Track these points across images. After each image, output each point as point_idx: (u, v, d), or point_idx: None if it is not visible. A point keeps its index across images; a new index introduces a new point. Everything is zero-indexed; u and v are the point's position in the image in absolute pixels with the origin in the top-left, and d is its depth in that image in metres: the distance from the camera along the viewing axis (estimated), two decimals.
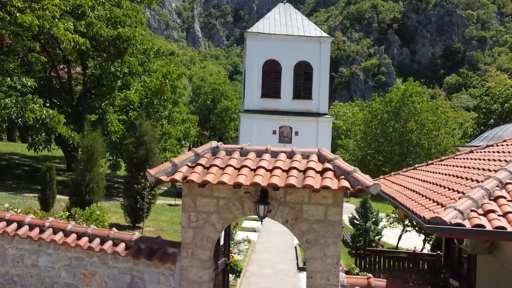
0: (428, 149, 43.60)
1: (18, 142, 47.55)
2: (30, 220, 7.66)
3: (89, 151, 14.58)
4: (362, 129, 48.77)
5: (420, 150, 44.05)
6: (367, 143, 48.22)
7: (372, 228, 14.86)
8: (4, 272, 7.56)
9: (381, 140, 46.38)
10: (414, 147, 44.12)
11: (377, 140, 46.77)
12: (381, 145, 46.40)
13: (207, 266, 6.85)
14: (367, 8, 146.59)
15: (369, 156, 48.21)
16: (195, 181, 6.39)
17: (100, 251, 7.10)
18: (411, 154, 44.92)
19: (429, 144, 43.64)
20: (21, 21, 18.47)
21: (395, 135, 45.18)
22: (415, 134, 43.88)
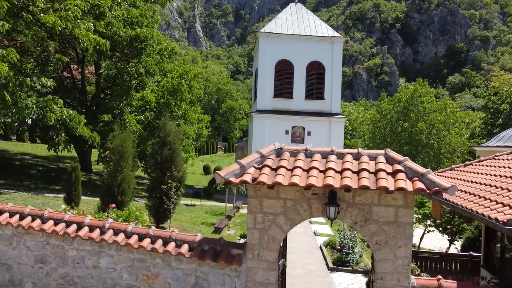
0: (438, 149, 43.62)
1: (27, 142, 47.58)
2: (89, 221, 7.67)
3: (120, 151, 14.57)
4: (371, 129, 48.78)
5: (430, 150, 44.07)
6: (376, 143, 48.23)
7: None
8: (64, 273, 7.56)
9: (389, 140, 46.39)
10: (424, 147, 44.14)
11: (386, 140, 46.78)
12: (390, 145, 46.38)
13: (274, 268, 6.86)
14: (369, 8, 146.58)
15: None
16: (266, 182, 6.40)
17: (164, 252, 7.10)
18: (420, 154, 44.94)
19: (439, 145, 43.65)
20: (44, 22, 18.45)
21: (404, 135, 45.21)
22: (424, 134, 43.91)
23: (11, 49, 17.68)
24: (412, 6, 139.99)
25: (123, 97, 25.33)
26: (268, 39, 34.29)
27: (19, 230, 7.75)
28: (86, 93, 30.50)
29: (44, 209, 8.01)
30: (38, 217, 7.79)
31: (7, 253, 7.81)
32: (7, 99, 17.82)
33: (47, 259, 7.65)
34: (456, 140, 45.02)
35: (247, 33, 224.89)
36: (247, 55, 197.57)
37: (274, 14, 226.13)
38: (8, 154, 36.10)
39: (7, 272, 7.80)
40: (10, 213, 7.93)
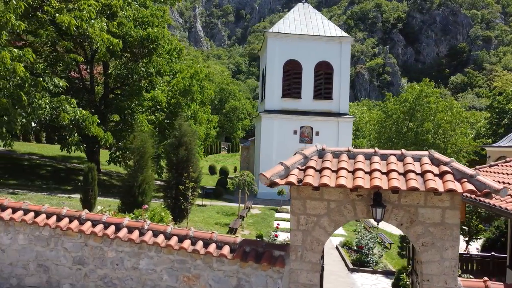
0: (444, 149, 43.59)
1: (32, 142, 47.53)
2: (128, 223, 7.64)
3: (140, 152, 14.54)
4: (376, 129, 48.77)
5: (436, 151, 44.02)
6: (381, 143, 48.22)
7: None
8: (103, 275, 7.54)
9: (395, 140, 46.39)
10: (430, 148, 44.10)
11: (391, 140, 46.78)
12: (396, 145, 46.38)
13: (317, 269, 6.85)
14: (371, 7, 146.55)
15: None
16: (312, 183, 6.38)
17: (206, 254, 7.08)
18: None
19: (445, 145, 43.65)
20: (59, 21, 18.43)
21: (410, 135, 45.20)
22: (430, 134, 43.90)
23: (27, 49, 17.66)
24: (413, 6, 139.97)
25: (134, 97, 25.28)
26: (276, 39, 34.26)
27: (57, 232, 7.73)
28: (94, 93, 30.48)
29: (81, 211, 7.99)
30: (76, 218, 7.77)
31: (44, 255, 7.78)
32: (23, 99, 17.83)
33: (85, 260, 7.62)
34: (462, 140, 45.03)
35: (247, 33, 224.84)
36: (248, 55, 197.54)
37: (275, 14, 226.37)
38: (16, 154, 36.04)
39: (44, 274, 7.77)
40: (47, 214, 7.90)
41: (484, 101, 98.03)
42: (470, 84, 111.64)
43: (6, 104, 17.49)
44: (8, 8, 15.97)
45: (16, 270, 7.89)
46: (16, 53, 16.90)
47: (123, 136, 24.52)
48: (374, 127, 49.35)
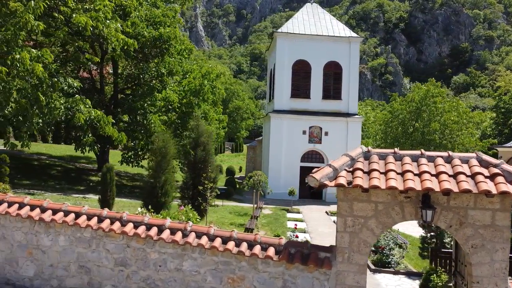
0: (452, 149, 43.62)
1: (39, 142, 47.50)
2: (170, 224, 7.65)
3: (162, 153, 14.54)
4: (383, 129, 48.81)
5: (443, 150, 44.07)
6: (387, 143, 48.28)
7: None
8: (146, 276, 7.54)
9: (402, 141, 46.44)
10: (437, 148, 44.14)
11: (398, 140, 46.83)
12: (403, 145, 46.42)
13: (364, 271, 6.85)
14: (373, 7, 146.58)
15: None
16: (362, 185, 6.38)
17: (251, 255, 7.08)
18: None
19: (452, 145, 43.69)
20: (76, 22, 18.41)
21: (416, 135, 45.25)
22: (437, 134, 43.95)
23: (45, 49, 17.62)
24: (416, 5, 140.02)
25: (147, 97, 25.27)
26: (285, 39, 34.26)
27: (99, 233, 7.73)
28: (104, 93, 30.48)
29: (122, 212, 7.99)
30: (117, 220, 7.77)
31: (86, 256, 7.78)
32: (41, 100, 17.81)
33: (128, 262, 7.62)
34: (469, 140, 45.09)
35: (248, 32, 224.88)
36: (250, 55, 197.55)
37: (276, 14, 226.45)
38: (24, 154, 36.03)
39: (86, 275, 7.78)
40: (87, 216, 7.91)
41: (487, 101, 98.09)
42: (472, 84, 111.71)
43: (24, 105, 17.48)
44: (27, 9, 15.97)
45: (57, 271, 7.89)
46: (34, 53, 16.89)
47: (136, 137, 24.49)
48: (380, 127, 49.38)
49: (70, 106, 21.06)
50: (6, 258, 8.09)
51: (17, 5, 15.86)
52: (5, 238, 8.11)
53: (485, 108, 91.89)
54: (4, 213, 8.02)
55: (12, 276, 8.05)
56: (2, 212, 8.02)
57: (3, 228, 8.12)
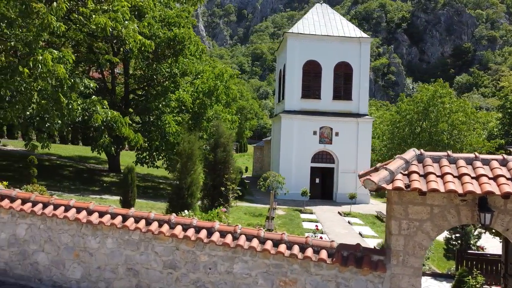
0: (460, 150, 43.65)
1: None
2: (219, 227, 7.65)
3: (187, 154, 14.54)
4: (390, 129, 48.84)
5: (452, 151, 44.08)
6: (394, 143, 48.34)
7: (472, 231, 14.86)
8: (195, 279, 7.54)
9: (409, 141, 46.47)
10: (445, 148, 44.17)
11: (405, 141, 46.87)
12: (410, 146, 46.45)
13: (419, 274, 6.86)
14: (375, 7, 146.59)
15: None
16: (421, 189, 6.39)
17: (304, 258, 7.08)
18: None
19: (461, 145, 43.72)
20: (96, 23, 18.42)
21: (424, 135, 45.28)
22: (445, 135, 43.98)
23: (67, 50, 17.64)
24: (418, 5, 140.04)
25: (161, 97, 25.26)
26: (296, 39, 34.25)
27: (147, 235, 7.73)
28: (115, 93, 30.48)
29: (170, 214, 8.00)
30: (165, 222, 7.77)
31: (134, 258, 7.78)
32: (62, 101, 17.82)
33: (177, 264, 7.63)
34: (476, 141, 45.13)
35: (249, 32, 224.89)
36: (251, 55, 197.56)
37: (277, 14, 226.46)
38: (34, 154, 36.00)
39: (134, 277, 7.78)
40: (135, 218, 7.91)
41: (490, 101, 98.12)
42: (475, 84, 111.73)
43: (45, 106, 17.49)
44: (50, 10, 15.97)
45: (104, 273, 7.89)
46: (56, 54, 16.89)
47: (151, 137, 24.48)
48: (388, 127, 49.39)
49: (87, 107, 21.09)
50: (53, 261, 8.10)
51: (40, 6, 15.86)
52: (52, 241, 8.11)
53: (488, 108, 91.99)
54: (50, 215, 8.02)
55: (58, 279, 8.05)
56: (48, 214, 8.02)
57: (50, 231, 8.13)
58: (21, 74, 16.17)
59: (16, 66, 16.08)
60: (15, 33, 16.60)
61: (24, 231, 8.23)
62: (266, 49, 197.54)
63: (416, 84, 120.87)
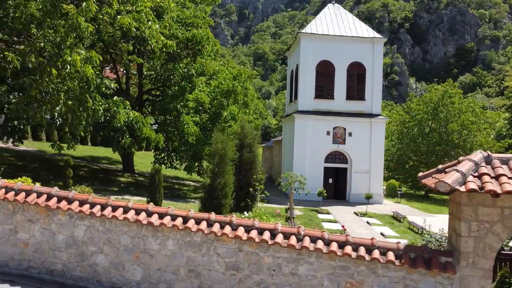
0: (471, 150, 43.70)
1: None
2: (282, 229, 7.66)
3: (220, 155, 14.55)
4: (399, 129, 48.89)
5: (461, 151, 44.17)
6: (403, 143, 48.40)
7: None
8: (259, 281, 7.55)
9: (418, 141, 46.55)
10: (456, 148, 44.25)
11: (415, 141, 46.93)
12: (419, 146, 46.57)
13: (489, 276, 6.87)
14: (377, 7, 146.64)
15: (405, 157, 48.42)
16: (496, 191, 6.40)
17: (371, 260, 7.10)
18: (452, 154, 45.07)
19: (471, 145, 43.79)
20: (121, 24, 18.42)
21: (434, 135, 45.33)
22: (455, 135, 44.03)
23: (93, 51, 17.63)
24: (421, 5, 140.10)
25: (179, 98, 25.25)
26: (309, 40, 34.25)
27: (209, 237, 7.74)
28: (129, 94, 30.50)
29: (231, 215, 8.01)
30: (227, 224, 7.78)
31: (196, 260, 7.79)
32: (88, 102, 17.82)
33: (240, 266, 7.63)
34: (485, 141, 45.21)
35: (251, 32, 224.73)
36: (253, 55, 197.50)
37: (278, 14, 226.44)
38: (48, 154, 36.04)
39: (196, 279, 7.78)
40: (195, 220, 7.91)
41: (494, 101, 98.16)
42: (479, 84, 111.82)
43: (72, 106, 17.49)
44: (79, 11, 15.96)
45: (165, 275, 7.90)
46: (83, 55, 16.90)
47: (170, 138, 24.48)
48: (397, 128, 49.42)
49: (109, 107, 21.11)
50: (112, 262, 8.10)
51: (70, 7, 15.87)
52: (111, 242, 8.12)
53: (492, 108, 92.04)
54: (110, 217, 8.03)
55: (118, 280, 8.06)
56: (108, 216, 8.02)
57: (109, 232, 8.13)
58: (49, 74, 16.21)
59: (44, 67, 16.11)
60: (44, 34, 16.61)
61: (82, 233, 8.23)
62: (267, 49, 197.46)
63: (420, 84, 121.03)
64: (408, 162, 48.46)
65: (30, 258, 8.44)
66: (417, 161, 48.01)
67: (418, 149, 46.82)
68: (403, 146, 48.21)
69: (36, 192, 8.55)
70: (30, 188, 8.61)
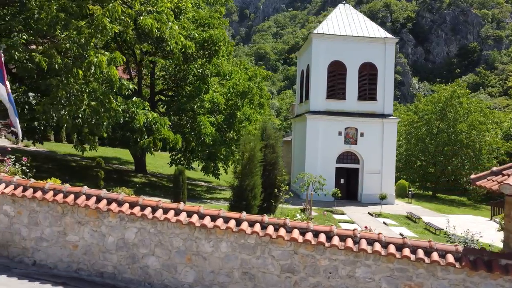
0: (479, 150, 43.79)
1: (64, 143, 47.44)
2: (337, 231, 7.66)
3: (249, 156, 14.54)
4: (407, 129, 48.93)
5: (470, 151, 44.24)
6: (411, 143, 48.45)
7: None
8: (315, 283, 7.54)
9: (427, 141, 46.58)
10: (465, 148, 44.27)
11: (423, 141, 46.95)
12: (427, 146, 46.62)
13: None
14: (380, 7, 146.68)
15: (413, 157, 48.49)
16: None
17: (431, 263, 7.09)
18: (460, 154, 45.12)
19: (480, 145, 43.83)
20: (144, 24, 18.41)
21: (443, 135, 45.36)
22: (464, 135, 44.06)
23: (117, 52, 17.62)
24: (423, 5, 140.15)
25: (195, 98, 25.24)
26: (321, 40, 34.24)
27: (264, 239, 7.73)
28: (142, 94, 30.47)
29: (284, 218, 8.00)
30: (281, 226, 7.77)
31: (250, 262, 7.78)
32: (111, 102, 17.81)
33: (295, 268, 7.62)
34: (494, 141, 45.25)
35: (252, 32, 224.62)
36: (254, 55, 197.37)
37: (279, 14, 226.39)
38: (59, 155, 36.03)
39: (250, 281, 7.77)
40: (248, 222, 7.90)
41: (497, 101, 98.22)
42: (482, 84, 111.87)
43: (96, 107, 17.48)
44: (105, 12, 15.94)
45: (218, 277, 7.89)
46: (108, 56, 16.88)
47: (187, 139, 24.48)
48: (405, 128, 49.45)
49: (128, 108, 21.11)
50: (164, 265, 8.09)
51: (96, 8, 15.86)
52: (163, 244, 8.10)
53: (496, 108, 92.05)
54: (162, 219, 8.01)
55: (170, 282, 8.04)
56: (160, 218, 8.01)
57: (160, 234, 8.12)
58: (75, 76, 16.20)
59: (70, 68, 16.10)
60: (69, 35, 16.59)
61: (133, 235, 8.22)
62: (269, 49, 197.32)
63: (422, 84, 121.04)
64: (415, 162, 48.52)
65: (79, 260, 8.42)
66: (425, 161, 48.07)
67: (426, 149, 46.85)
68: (410, 146, 48.25)
69: (85, 194, 8.54)
70: (79, 190, 8.61)
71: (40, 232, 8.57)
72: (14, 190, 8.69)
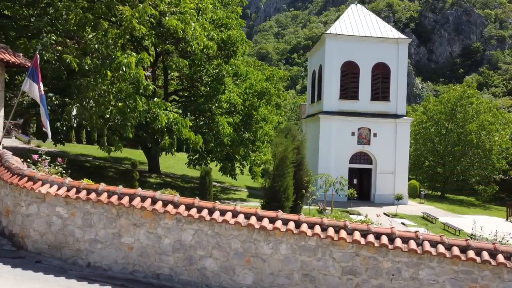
0: (489, 150, 43.83)
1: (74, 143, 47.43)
2: (399, 233, 7.66)
3: (282, 157, 14.54)
4: (416, 129, 48.97)
5: (480, 151, 44.28)
6: (419, 143, 48.52)
7: None
8: (377, 285, 7.54)
9: (436, 141, 46.65)
10: (475, 148, 44.32)
11: (432, 141, 47.02)
12: (436, 146, 46.68)
13: None
14: (382, 7, 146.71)
15: (422, 157, 48.55)
16: None
17: (498, 265, 7.10)
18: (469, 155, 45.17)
19: (490, 146, 43.88)
20: (169, 25, 18.42)
21: (452, 136, 45.42)
22: (473, 136, 44.11)
23: (144, 53, 17.61)
24: (426, 5, 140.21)
25: (213, 99, 25.22)
26: (334, 40, 34.27)
27: (324, 241, 7.73)
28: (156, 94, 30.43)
29: (344, 220, 8.00)
30: (342, 228, 7.77)
31: (310, 264, 7.78)
32: (138, 103, 17.80)
33: (357, 270, 7.62)
34: (503, 141, 45.30)
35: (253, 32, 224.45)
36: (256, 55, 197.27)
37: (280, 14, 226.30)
38: (71, 155, 35.98)
39: (310, 283, 7.77)
40: (308, 224, 7.90)
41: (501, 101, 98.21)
42: (485, 84, 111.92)
43: (122, 108, 17.47)
44: (134, 13, 15.93)
45: (278, 279, 7.88)
46: (135, 56, 16.87)
47: (205, 139, 24.45)
48: (414, 128, 49.44)
49: (149, 108, 21.08)
50: (221, 266, 8.08)
51: (125, 9, 15.86)
52: (220, 246, 8.09)
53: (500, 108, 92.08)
54: (220, 221, 8.01)
55: (228, 284, 8.04)
56: (218, 220, 8.01)
57: (218, 236, 8.11)
58: (103, 76, 16.19)
59: (99, 69, 16.09)
60: (96, 35, 16.59)
61: (190, 237, 8.21)
62: (271, 49, 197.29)
63: (426, 84, 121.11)
64: (424, 162, 48.58)
65: (135, 262, 8.41)
66: (434, 161, 48.13)
67: (434, 150, 46.91)
68: (419, 146, 48.32)
69: (140, 196, 8.54)
70: (134, 192, 8.61)
71: (94, 234, 8.56)
72: (68, 192, 8.68)
